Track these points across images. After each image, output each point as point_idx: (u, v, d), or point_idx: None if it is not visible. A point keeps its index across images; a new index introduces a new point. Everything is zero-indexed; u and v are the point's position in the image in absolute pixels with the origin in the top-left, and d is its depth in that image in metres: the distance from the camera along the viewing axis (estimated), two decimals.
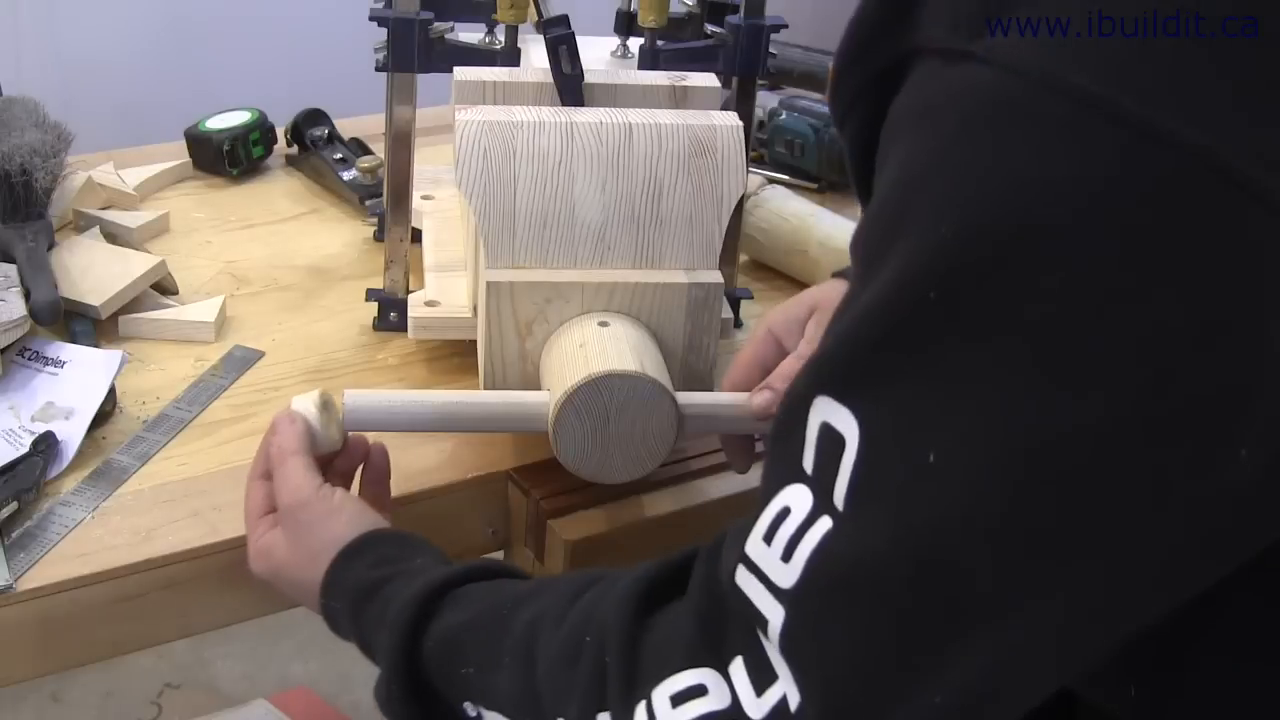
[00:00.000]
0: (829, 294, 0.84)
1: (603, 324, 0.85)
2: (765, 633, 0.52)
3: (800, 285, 1.18)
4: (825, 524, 0.50)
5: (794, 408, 0.52)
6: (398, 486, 0.87)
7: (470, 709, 0.65)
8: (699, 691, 0.54)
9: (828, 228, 1.17)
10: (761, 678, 0.52)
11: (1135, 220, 0.43)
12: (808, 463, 0.51)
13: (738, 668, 0.53)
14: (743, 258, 1.20)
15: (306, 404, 0.80)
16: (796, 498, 0.52)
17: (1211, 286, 0.43)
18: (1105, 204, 0.44)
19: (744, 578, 0.53)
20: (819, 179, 1.38)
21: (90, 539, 0.81)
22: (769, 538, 0.52)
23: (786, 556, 0.51)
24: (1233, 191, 0.42)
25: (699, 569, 0.57)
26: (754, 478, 0.90)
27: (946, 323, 0.46)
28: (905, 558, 0.48)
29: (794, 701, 0.51)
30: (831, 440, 0.50)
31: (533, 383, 0.87)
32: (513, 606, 0.65)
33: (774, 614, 0.51)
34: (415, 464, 0.90)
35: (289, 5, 2.19)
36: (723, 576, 0.54)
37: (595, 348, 0.82)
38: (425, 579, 0.69)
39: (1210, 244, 0.43)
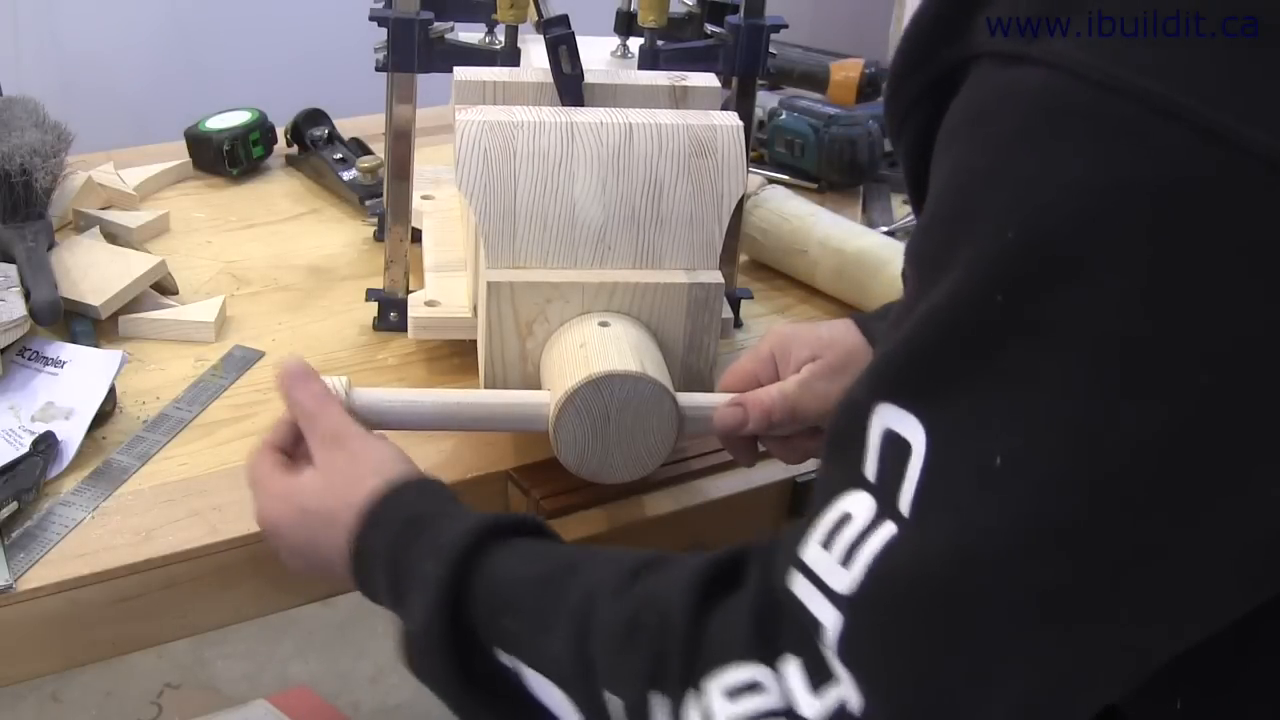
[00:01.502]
0: (835, 339, 0.84)
1: (603, 324, 0.85)
2: (820, 637, 0.52)
3: (800, 285, 1.19)
4: (889, 530, 0.50)
5: (853, 415, 0.52)
6: None
7: (505, 658, 0.64)
8: (754, 687, 0.54)
9: (828, 228, 1.17)
10: (817, 678, 0.52)
11: (1202, 222, 0.43)
12: (869, 470, 0.51)
13: (792, 667, 0.53)
14: (743, 258, 1.20)
15: (335, 384, 0.80)
16: (857, 504, 0.52)
17: (1277, 289, 0.43)
18: (1172, 205, 0.44)
19: (798, 582, 0.53)
20: (819, 179, 1.38)
21: (90, 539, 0.81)
22: (828, 543, 0.52)
23: (846, 562, 0.51)
24: None
25: (753, 569, 0.57)
26: (756, 476, 0.91)
27: (1013, 327, 0.47)
28: (973, 564, 0.48)
29: (856, 705, 0.51)
30: (896, 446, 0.50)
31: (533, 383, 0.87)
32: (569, 571, 0.64)
33: (830, 619, 0.51)
34: (416, 463, 0.89)
35: (289, 5, 2.19)
36: (776, 580, 0.55)
37: (596, 348, 0.82)
38: (480, 517, 0.68)
39: (1276, 245, 0.43)
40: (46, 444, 0.86)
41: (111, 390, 0.93)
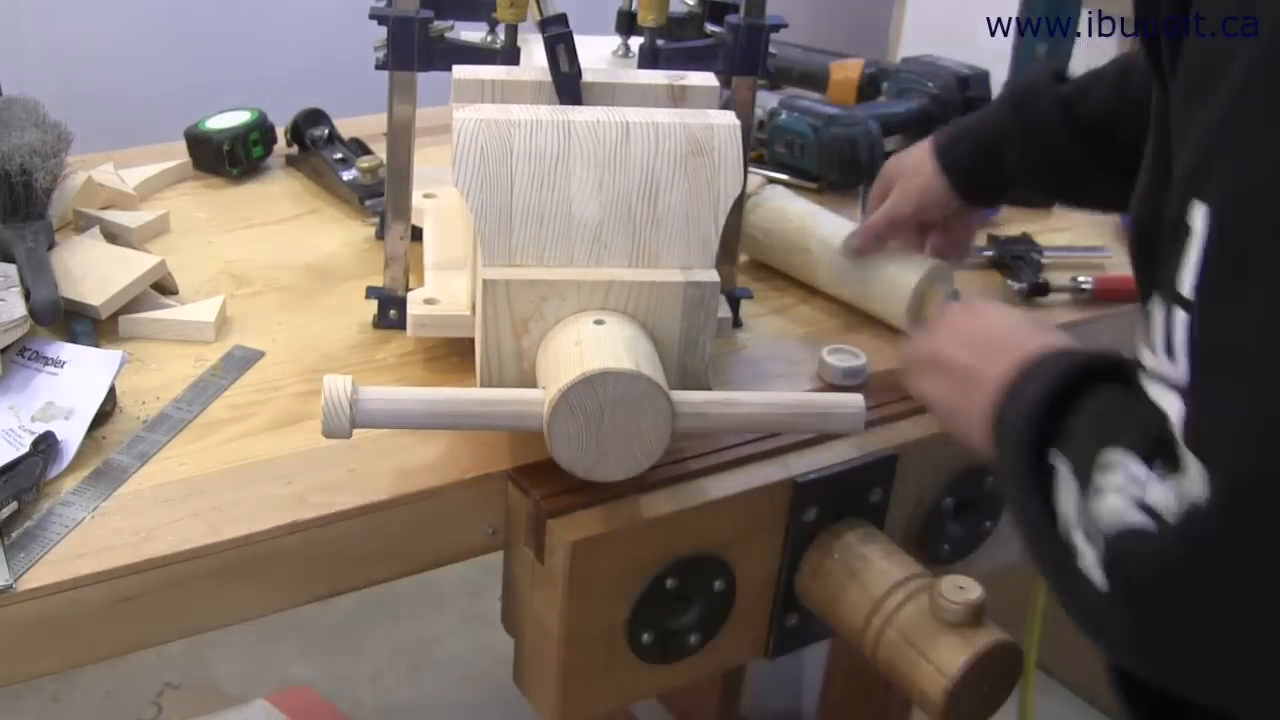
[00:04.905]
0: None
1: (598, 322, 0.85)
2: (1173, 431, 0.55)
3: (800, 285, 1.19)
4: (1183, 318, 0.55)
5: (1177, 215, 0.56)
6: (396, 486, 0.87)
7: (1051, 456, 0.67)
8: (1123, 467, 0.59)
9: (828, 227, 1.17)
10: (1165, 472, 0.56)
11: None
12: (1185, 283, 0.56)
13: (1145, 465, 0.58)
14: (743, 257, 1.20)
15: (341, 383, 0.81)
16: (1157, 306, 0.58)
17: None
18: None
19: (1149, 383, 0.59)
20: (819, 179, 1.38)
21: (90, 539, 0.81)
22: (1152, 346, 0.59)
23: (1169, 353, 0.56)
24: None
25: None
26: (756, 476, 0.91)
27: None
28: None
29: (1202, 497, 0.53)
30: (1183, 232, 0.55)
31: (529, 380, 0.87)
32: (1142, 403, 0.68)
33: (1173, 408, 0.55)
34: (415, 463, 0.90)
35: (289, 5, 2.19)
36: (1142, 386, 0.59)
37: (590, 346, 0.82)
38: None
39: None
40: (46, 444, 0.86)
41: (111, 390, 0.93)
